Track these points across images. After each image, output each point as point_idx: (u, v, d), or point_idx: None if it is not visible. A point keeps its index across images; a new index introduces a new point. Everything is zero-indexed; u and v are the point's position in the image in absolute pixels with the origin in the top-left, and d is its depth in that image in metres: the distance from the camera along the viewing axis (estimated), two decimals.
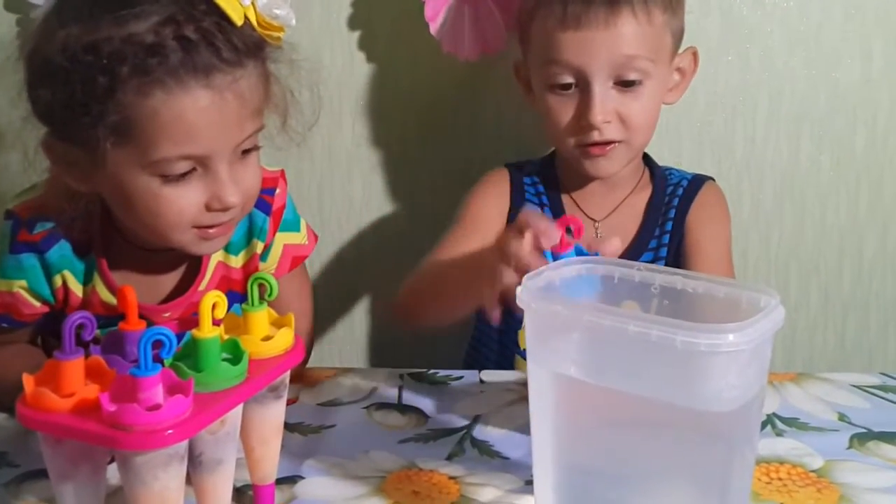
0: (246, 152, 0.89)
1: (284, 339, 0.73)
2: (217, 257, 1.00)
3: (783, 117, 1.37)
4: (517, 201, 1.15)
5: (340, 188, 1.40)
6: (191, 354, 0.68)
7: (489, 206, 1.14)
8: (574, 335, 0.67)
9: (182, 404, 0.62)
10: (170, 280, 0.99)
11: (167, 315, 0.97)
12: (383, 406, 0.97)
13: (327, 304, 1.40)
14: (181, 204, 0.86)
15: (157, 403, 0.62)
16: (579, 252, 0.78)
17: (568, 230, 0.80)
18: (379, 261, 1.43)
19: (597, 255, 0.78)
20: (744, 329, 0.59)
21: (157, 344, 0.63)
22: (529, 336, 0.69)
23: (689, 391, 0.62)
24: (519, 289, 0.68)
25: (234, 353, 0.70)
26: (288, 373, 0.74)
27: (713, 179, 1.17)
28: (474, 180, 1.36)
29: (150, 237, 0.91)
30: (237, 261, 1.01)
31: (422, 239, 1.40)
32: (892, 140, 1.37)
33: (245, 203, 0.90)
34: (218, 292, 0.69)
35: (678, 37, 1.09)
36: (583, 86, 1.04)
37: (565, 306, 0.65)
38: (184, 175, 0.85)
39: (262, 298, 0.74)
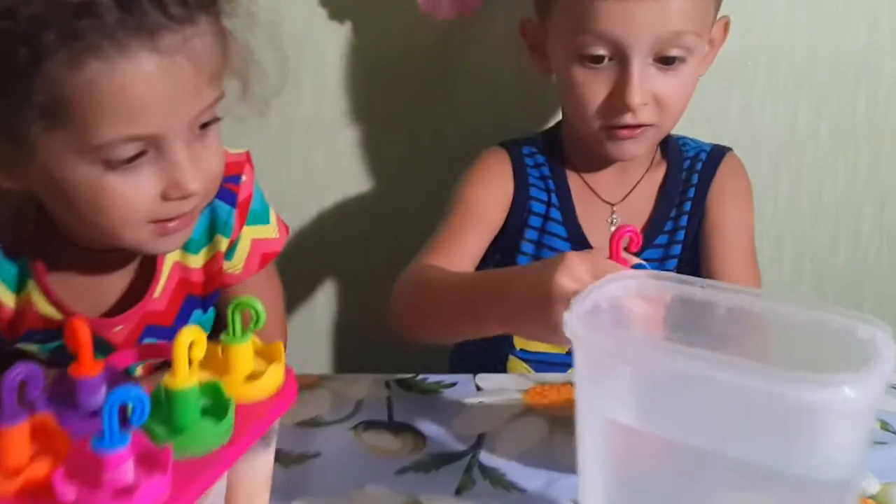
0: (205, 127, 0.75)
1: (274, 377, 0.61)
2: (173, 257, 0.86)
3: (781, 83, 1.27)
4: (520, 187, 1.02)
5: (300, 162, 1.26)
6: (162, 405, 0.55)
7: (490, 193, 1.01)
8: (635, 375, 0.56)
9: (159, 485, 0.49)
10: (119, 285, 0.85)
11: (118, 329, 0.83)
12: (372, 425, 0.85)
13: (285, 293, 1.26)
14: (132, 195, 0.72)
15: (128, 485, 0.48)
16: (639, 266, 0.67)
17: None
18: (342, 242, 1.29)
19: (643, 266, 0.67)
20: (863, 381, 0.48)
21: (127, 404, 0.49)
22: (579, 374, 0.57)
23: (786, 453, 0.51)
24: (566, 315, 0.56)
25: (216, 401, 0.57)
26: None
27: (731, 150, 1.06)
28: (447, 154, 1.24)
29: (99, 238, 0.76)
30: (197, 260, 0.87)
31: (389, 218, 1.28)
32: (894, 107, 1.28)
33: (208, 188, 0.77)
34: (195, 328, 0.56)
35: (719, 4, 0.97)
36: (619, 60, 0.91)
37: (630, 342, 0.54)
38: (132, 160, 0.71)
39: (245, 328, 0.61)
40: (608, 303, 0.60)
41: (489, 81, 1.23)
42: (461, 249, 0.95)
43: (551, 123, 1.24)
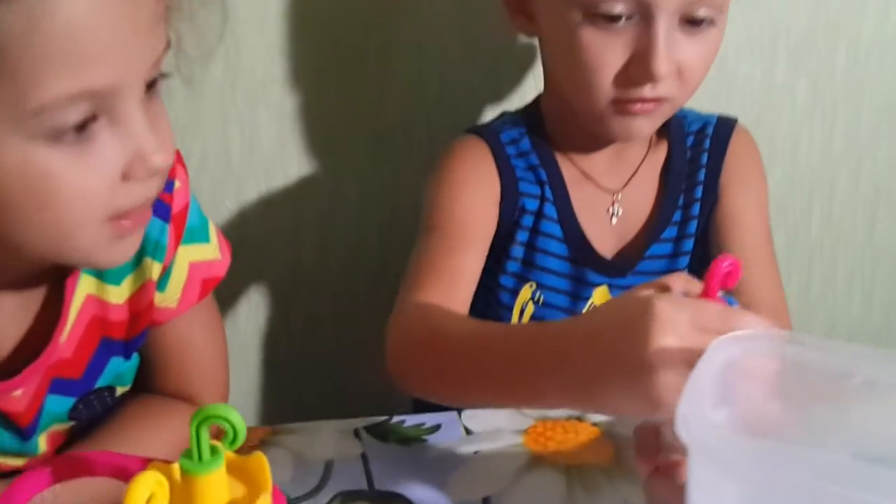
0: (151, 88, 0.57)
1: None
2: (86, 288, 0.66)
3: (756, 35, 1.13)
4: (508, 183, 0.84)
5: (212, 145, 1.05)
6: None
7: (477, 197, 0.82)
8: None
9: None
10: (13, 331, 0.64)
11: (18, 394, 0.63)
12: (351, 498, 0.68)
13: None
14: (88, 179, 0.54)
15: None
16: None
17: None
18: (269, 241, 1.10)
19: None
20: None
21: None
22: (695, 490, 0.42)
23: None
24: (681, 412, 0.41)
25: None
26: None
27: (737, 120, 0.91)
28: (388, 129, 1.07)
29: (36, 249, 0.57)
30: (119, 293, 0.67)
31: (322, 208, 1.10)
32: (875, 61, 1.17)
33: (168, 167, 0.59)
34: (154, 475, 0.38)
35: None
36: (641, 19, 0.74)
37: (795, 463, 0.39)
38: (82, 129, 0.53)
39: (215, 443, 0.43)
40: (717, 375, 0.44)
41: (435, 45, 1.05)
42: (459, 273, 0.78)
43: (507, 95, 1.08)
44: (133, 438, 0.69)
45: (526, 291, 0.85)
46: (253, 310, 1.12)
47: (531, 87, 1.06)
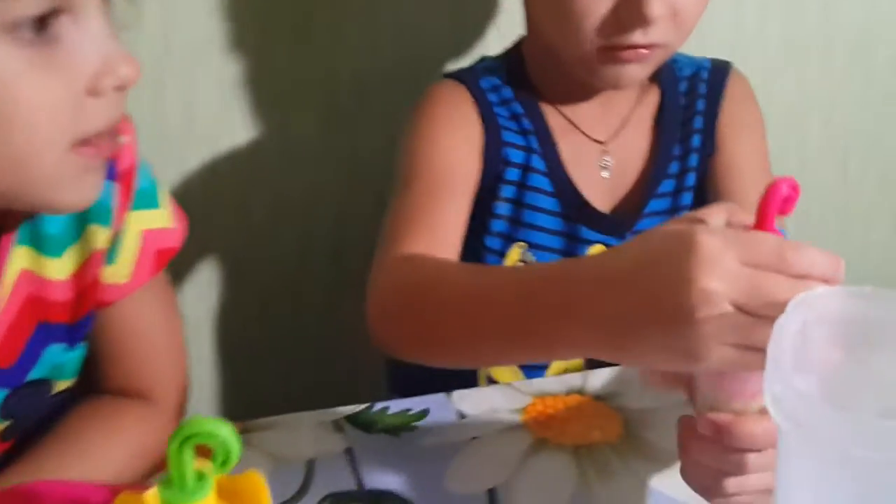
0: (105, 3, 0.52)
1: None
2: (20, 262, 0.58)
3: None
4: (491, 132, 0.77)
5: (149, 113, 0.95)
6: None
7: (458, 143, 0.75)
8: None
9: None
10: None
11: None
12: (340, 501, 0.60)
13: None
14: (52, 89, 0.49)
15: None
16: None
17: None
18: (215, 214, 1.00)
19: None
20: None
21: None
22: (785, 476, 0.35)
23: None
24: (770, 389, 0.35)
25: None
26: None
27: (732, 63, 0.85)
28: (337, 90, 0.99)
29: None
30: (60, 266, 0.59)
31: (270, 177, 1.01)
32: (846, 1, 1.13)
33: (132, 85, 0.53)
34: (132, 498, 0.30)
35: None
36: None
37: None
38: (43, 24, 0.48)
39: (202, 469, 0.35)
40: (794, 339, 0.38)
41: (387, 9, 0.97)
42: (443, 225, 0.70)
43: (468, 53, 1.00)
44: (82, 445, 0.61)
45: (514, 253, 0.78)
46: (204, 290, 1.04)
47: (495, 41, 0.99)
